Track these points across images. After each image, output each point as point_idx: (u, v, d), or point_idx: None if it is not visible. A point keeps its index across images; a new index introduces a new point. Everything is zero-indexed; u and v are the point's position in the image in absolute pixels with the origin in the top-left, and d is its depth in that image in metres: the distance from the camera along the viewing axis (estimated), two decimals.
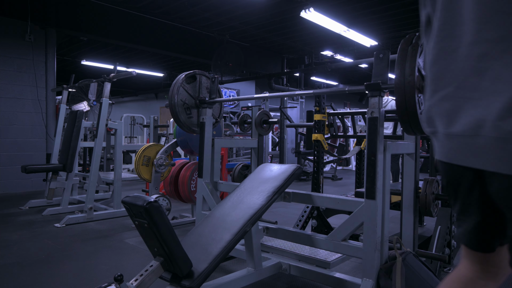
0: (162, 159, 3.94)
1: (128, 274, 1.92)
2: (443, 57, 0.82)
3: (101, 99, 4.28)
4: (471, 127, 0.74)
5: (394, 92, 1.61)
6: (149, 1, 6.58)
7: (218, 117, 3.56)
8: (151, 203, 1.55)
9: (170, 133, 6.45)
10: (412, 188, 2.40)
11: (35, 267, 2.67)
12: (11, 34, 6.01)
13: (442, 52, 0.83)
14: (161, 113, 14.09)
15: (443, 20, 0.82)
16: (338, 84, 13.27)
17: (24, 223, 3.95)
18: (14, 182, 5.96)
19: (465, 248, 0.93)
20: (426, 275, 1.71)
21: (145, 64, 11.25)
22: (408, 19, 7.44)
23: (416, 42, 1.62)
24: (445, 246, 2.56)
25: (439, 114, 0.83)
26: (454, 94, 0.79)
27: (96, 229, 3.77)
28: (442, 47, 0.83)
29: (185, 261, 1.65)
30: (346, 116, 4.64)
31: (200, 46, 8.38)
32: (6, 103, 5.96)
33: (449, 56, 0.81)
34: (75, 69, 11.50)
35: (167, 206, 3.93)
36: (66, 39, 8.33)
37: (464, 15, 0.77)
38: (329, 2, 6.36)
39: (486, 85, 0.72)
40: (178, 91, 3.17)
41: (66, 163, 4.46)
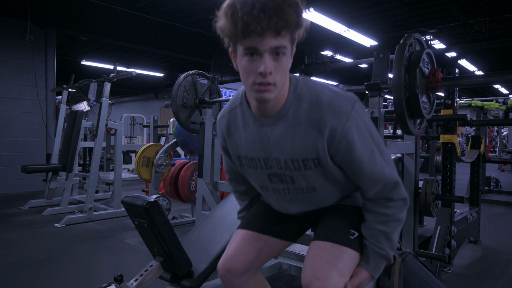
0: (162, 159, 3.94)
1: (128, 274, 1.92)
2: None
3: (101, 99, 4.28)
4: None
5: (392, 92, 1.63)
6: (149, 1, 6.58)
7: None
8: (151, 203, 1.55)
9: (170, 133, 6.46)
10: (412, 188, 2.40)
11: (35, 267, 2.67)
12: (11, 34, 6.00)
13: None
14: (161, 113, 14.09)
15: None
16: (338, 84, 13.26)
17: (24, 223, 3.95)
18: (14, 182, 5.96)
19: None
20: (425, 276, 1.71)
21: (145, 64, 11.24)
22: (408, 19, 7.44)
23: (404, 42, 1.64)
24: (445, 246, 2.56)
25: None
26: None
27: (96, 229, 3.77)
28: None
29: (185, 261, 1.65)
30: None
31: (200, 46, 8.37)
32: (6, 103, 5.96)
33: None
34: (75, 69, 11.49)
35: (167, 206, 3.93)
36: (66, 39, 8.32)
37: None
38: (329, 2, 6.36)
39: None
40: (179, 91, 3.17)
41: (66, 163, 4.46)
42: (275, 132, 1.04)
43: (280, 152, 1.05)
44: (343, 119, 0.98)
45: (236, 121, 1.12)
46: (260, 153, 1.09)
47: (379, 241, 1.08)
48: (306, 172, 1.06)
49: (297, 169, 1.06)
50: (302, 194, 1.13)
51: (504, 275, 2.58)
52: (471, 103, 4.37)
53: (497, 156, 9.53)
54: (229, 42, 0.96)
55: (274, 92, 0.95)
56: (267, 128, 1.05)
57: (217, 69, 8.39)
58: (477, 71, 10.66)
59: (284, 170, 1.08)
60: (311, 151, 1.02)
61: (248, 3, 0.88)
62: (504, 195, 5.68)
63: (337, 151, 1.01)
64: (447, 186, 2.68)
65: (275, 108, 1.02)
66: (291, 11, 0.89)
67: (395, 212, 1.08)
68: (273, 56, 0.92)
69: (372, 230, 1.09)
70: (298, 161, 1.05)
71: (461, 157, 3.02)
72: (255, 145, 1.09)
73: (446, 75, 2.33)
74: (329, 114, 0.98)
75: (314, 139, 1.00)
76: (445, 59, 9.27)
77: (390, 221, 1.08)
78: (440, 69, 1.77)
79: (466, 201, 2.64)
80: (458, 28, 7.54)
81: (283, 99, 1.02)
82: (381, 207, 1.08)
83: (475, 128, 3.86)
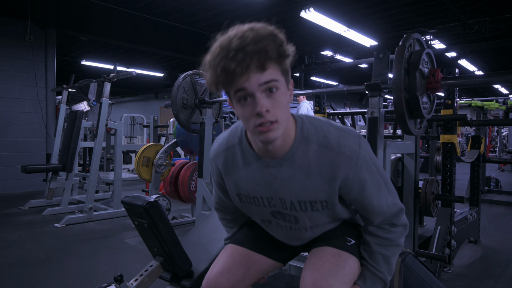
0: (162, 159, 3.94)
1: (128, 274, 1.92)
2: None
3: (101, 99, 4.28)
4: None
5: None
6: (149, 1, 6.58)
7: (218, 117, 3.56)
8: (151, 203, 1.55)
9: (170, 133, 6.46)
10: (412, 188, 2.40)
11: (35, 267, 2.68)
12: (11, 34, 6.00)
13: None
14: (161, 113, 14.09)
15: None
16: (338, 84, 13.27)
17: (24, 223, 3.95)
18: (14, 182, 5.96)
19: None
20: (425, 276, 1.71)
21: (145, 64, 11.24)
22: (408, 19, 7.44)
23: (403, 44, 1.64)
24: (445, 246, 2.56)
25: None
26: None
27: (96, 229, 3.77)
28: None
29: (185, 261, 1.65)
30: (346, 116, 4.65)
31: (200, 46, 8.37)
32: (6, 103, 5.96)
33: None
34: (75, 69, 11.49)
35: (167, 206, 3.93)
36: (66, 39, 8.33)
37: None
38: (329, 2, 6.36)
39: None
40: (179, 92, 3.17)
41: (66, 163, 4.45)
42: (282, 173, 1.01)
43: (286, 193, 1.03)
44: (353, 160, 0.98)
45: (235, 160, 1.07)
46: (264, 193, 1.06)
47: (379, 264, 1.09)
48: (313, 213, 1.05)
49: (303, 210, 1.05)
50: (305, 232, 1.13)
51: (504, 275, 2.58)
52: (471, 103, 4.37)
53: (497, 156, 9.53)
54: (224, 91, 0.94)
55: (278, 129, 0.91)
56: (273, 169, 1.02)
57: None
58: (477, 71, 10.66)
59: (289, 210, 1.06)
60: (321, 193, 1.01)
61: (224, 48, 0.86)
62: (504, 195, 5.68)
63: (350, 190, 1.01)
64: (447, 186, 2.68)
65: (283, 149, 0.99)
66: (270, 43, 0.87)
67: (396, 237, 1.10)
68: (266, 94, 0.89)
69: (372, 253, 1.10)
70: (305, 203, 1.03)
71: (461, 157, 3.02)
72: (258, 185, 1.05)
73: (446, 75, 2.33)
74: (340, 156, 0.97)
75: (325, 182, 0.99)
76: (445, 59, 9.28)
77: (391, 245, 1.10)
78: (440, 69, 1.77)
79: (466, 201, 2.64)
80: (458, 28, 7.55)
81: (290, 139, 0.98)
82: (384, 232, 1.09)
83: (475, 128, 3.86)
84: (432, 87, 1.76)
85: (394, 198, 1.08)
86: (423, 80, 1.74)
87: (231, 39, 0.86)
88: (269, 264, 1.22)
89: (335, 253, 1.07)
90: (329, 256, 1.06)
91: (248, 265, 1.17)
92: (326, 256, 1.06)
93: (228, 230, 1.36)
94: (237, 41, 0.85)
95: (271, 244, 1.23)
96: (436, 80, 1.74)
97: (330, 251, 1.08)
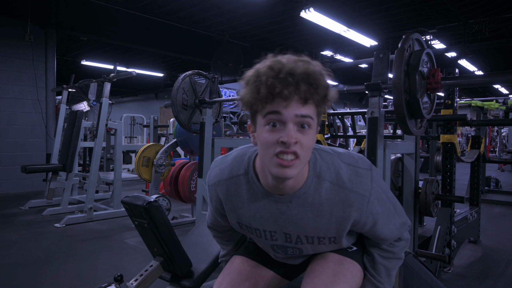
0: (162, 159, 3.94)
1: (128, 274, 1.92)
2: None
3: (101, 99, 4.28)
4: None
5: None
6: (149, 1, 6.57)
7: (218, 117, 3.56)
8: (151, 203, 1.55)
9: (170, 133, 6.45)
10: (412, 188, 2.40)
11: (35, 267, 2.67)
12: (11, 34, 6.00)
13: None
14: (161, 113, 14.08)
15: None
16: (338, 84, 13.27)
17: (24, 223, 3.95)
18: (14, 182, 5.96)
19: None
20: (425, 276, 1.71)
21: (145, 64, 11.24)
22: (408, 19, 7.43)
23: (402, 46, 1.64)
24: (445, 246, 2.56)
25: None
26: None
27: (96, 229, 3.77)
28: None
29: (185, 261, 1.65)
30: (346, 116, 4.65)
31: (200, 46, 8.37)
32: (6, 103, 5.96)
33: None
34: (75, 69, 11.49)
35: (167, 206, 3.93)
36: (66, 39, 8.31)
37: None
38: (329, 2, 6.36)
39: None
40: (178, 93, 3.17)
41: (66, 163, 4.45)
42: (291, 210, 0.97)
43: (293, 229, 1.00)
44: (366, 197, 0.95)
45: (239, 191, 1.01)
46: (268, 226, 1.02)
47: (380, 275, 1.10)
48: (319, 246, 1.05)
49: (309, 243, 1.03)
50: (306, 258, 1.14)
51: (504, 275, 2.58)
52: (471, 103, 4.37)
53: (497, 156, 9.54)
54: (249, 112, 0.90)
55: (297, 168, 0.86)
56: (281, 205, 0.97)
57: (217, 69, 8.38)
58: (477, 71, 10.65)
59: (294, 244, 1.04)
60: (330, 231, 0.99)
61: (275, 68, 0.83)
62: (504, 195, 5.68)
63: (363, 226, 1.00)
64: (447, 186, 2.68)
65: (294, 187, 0.94)
66: (320, 81, 0.84)
67: (399, 250, 1.11)
68: (297, 128, 0.84)
69: (375, 264, 1.10)
70: (313, 238, 1.02)
71: (461, 157, 3.02)
72: (263, 219, 1.01)
73: (446, 75, 2.33)
74: (353, 195, 0.94)
75: (336, 221, 0.97)
76: (445, 59, 9.27)
77: (394, 258, 1.11)
78: (440, 69, 1.77)
79: (466, 201, 2.64)
80: (458, 28, 7.54)
81: (303, 177, 0.94)
82: (388, 245, 1.10)
83: (475, 128, 3.86)
84: (432, 87, 1.76)
85: (401, 217, 1.08)
86: (423, 81, 1.74)
87: (283, 63, 0.84)
88: (275, 280, 1.19)
89: (336, 260, 1.06)
90: (330, 263, 1.05)
91: (256, 280, 1.13)
92: (328, 263, 1.05)
93: (224, 248, 1.32)
94: (289, 65, 0.83)
95: (276, 260, 1.19)
96: (436, 80, 1.74)
97: (331, 258, 1.07)
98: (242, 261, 1.16)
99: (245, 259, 1.16)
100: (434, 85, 1.74)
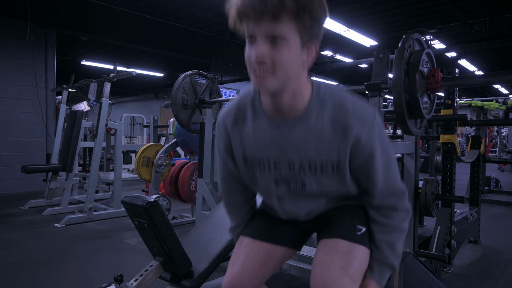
0: (162, 159, 3.94)
1: (128, 274, 1.92)
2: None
3: (101, 99, 4.28)
4: None
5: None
6: (149, 1, 6.58)
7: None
8: (151, 203, 1.55)
9: (170, 133, 6.46)
10: (412, 188, 2.40)
11: (35, 267, 2.68)
12: (11, 34, 6.00)
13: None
14: (161, 113, 14.09)
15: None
16: (338, 84, 13.27)
17: (24, 223, 3.95)
18: (14, 182, 5.96)
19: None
20: (425, 276, 1.71)
21: (145, 64, 11.24)
22: (408, 19, 7.44)
23: (402, 46, 1.64)
24: (445, 246, 2.56)
25: None
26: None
27: (96, 229, 3.77)
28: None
29: (185, 261, 1.66)
30: None
31: (200, 46, 8.37)
32: (6, 103, 5.96)
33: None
34: (75, 69, 11.49)
35: (167, 206, 3.93)
36: (66, 39, 8.32)
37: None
38: (329, 2, 6.29)
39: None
40: (178, 93, 3.17)
41: (66, 163, 4.46)
42: (295, 134, 1.00)
43: (296, 154, 1.02)
44: (368, 126, 0.98)
45: (245, 118, 1.07)
46: (272, 154, 1.05)
47: (383, 251, 1.09)
48: (322, 177, 1.04)
49: (312, 172, 1.04)
50: (309, 200, 1.12)
51: (504, 275, 2.58)
52: (471, 103, 4.37)
53: (497, 156, 9.53)
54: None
55: (273, 81, 0.90)
56: (285, 129, 1.01)
57: (217, 69, 8.39)
58: (477, 71, 10.65)
59: (297, 172, 1.05)
60: (333, 154, 1.00)
61: None
62: (504, 195, 5.68)
63: (359, 155, 1.00)
64: (447, 186, 2.68)
65: (296, 110, 0.98)
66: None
67: (399, 223, 1.09)
68: (270, 42, 0.87)
69: (376, 241, 1.10)
70: (315, 164, 1.02)
71: (461, 157, 3.02)
72: (267, 146, 1.04)
73: (446, 75, 2.33)
74: (355, 120, 0.97)
75: (338, 142, 0.98)
76: (445, 59, 9.27)
77: (394, 231, 1.10)
78: (440, 69, 1.77)
79: (466, 201, 2.64)
80: (458, 28, 7.54)
81: (304, 101, 0.98)
82: (386, 218, 1.09)
83: (475, 128, 3.86)
84: (432, 87, 1.76)
85: (398, 178, 1.08)
86: (423, 81, 1.74)
87: None
88: (285, 253, 1.21)
89: (345, 249, 1.04)
90: (339, 254, 1.03)
91: (266, 261, 1.16)
92: (336, 253, 1.03)
93: (234, 218, 1.31)
94: None
95: (282, 229, 1.21)
96: (436, 80, 1.74)
97: (340, 247, 1.05)
98: (249, 243, 1.18)
99: (252, 241, 1.18)
100: (434, 85, 1.75)
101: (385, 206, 1.08)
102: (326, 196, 1.12)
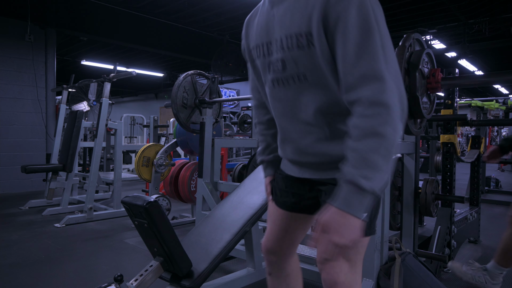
0: (162, 159, 3.94)
1: (128, 274, 1.92)
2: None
3: (101, 99, 4.28)
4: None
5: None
6: (149, 1, 6.58)
7: (218, 117, 3.56)
8: (151, 203, 1.55)
9: (170, 133, 6.45)
10: (412, 188, 2.40)
11: (35, 267, 2.68)
12: (11, 34, 6.00)
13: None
14: (161, 113, 14.09)
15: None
16: None
17: (24, 223, 3.95)
18: (14, 182, 5.96)
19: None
20: (425, 276, 1.71)
21: (145, 64, 11.24)
22: (408, 19, 7.43)
23: (403, 44, 1.64)
24: (445, 246, 2.56)
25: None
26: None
27: (96, 229, 3.77)
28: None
29: (185, 261, 1.65)
30: None
31: (200, 46, 8.37)
32: (6, 103, 5.96)
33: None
34: (75, 69, 11.49)
35: (167, 206, 3.93)
36: (66, 39, 8.32)
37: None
38: None
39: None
40: (179, 91, 3.17)
41: (66, 163, 4.46)
42: (280, 9, 1.04)
43: (279, 30, 1.05)
44: None
45: (257, 13, 1.17)
46: (265, 37, 1.10)
47: (348, 162, 0.85)
48: (299, 53, 0.99)
49: (290, 48, 1.01)
50: (294, 85, 1.03)
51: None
52: (471, 103, 4.37)
53: None
54: None
55: None
56: (275, 8, 1.06)
57: (217, 69, 8.39)
58: (477, 71, 10.65)
59: (280, 50, 1.04)
60: (306, 22, 0.96)
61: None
62: (504, 195, 5.68)
63: (330, 22, 0.91)
64: (447, 186, 2.68)
65: None
66: None
67: (374, 123, 0.83)
68: None
69: (346, 151, 0.88)
70: (292, 37, 1.00)
71: (461, 157, 3.02)
72: (262, 30, 1.11)
73: (446, 75, 2.33)
74: None
75: (311, 9, 0.94)
76: (445, 59, 9.27)
77: (366, 136, 0.84)
78: (440, 69, 1.77)
79: (466, 201, 2.64)
80: (458, 28, 7.54)
81: None
82: (357, 118, 0.86)
83: (475, 128, 3.87)
84: (432, 87, 1.76)
85: (379, 62, 0.86)
86: (423, 80, 1.74)
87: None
88: (304, 221, 1.26)
89: (342, 213, 0.93)
90: (335, 218, 0.94)
91: (289, 227, 1.24)
92: (333, 218, 0.94)
93: (262, 140, 1.33)
94: None
95: (296, 193, 1.21)
96: (436, 80, 1.74)
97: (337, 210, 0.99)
98: (273, 209, 1.27)
99: (275, 207, 1.26)
100: (434, 85, 1.75)
101: (357, 99, 0.87)
102: (313, 96, 1.01)
